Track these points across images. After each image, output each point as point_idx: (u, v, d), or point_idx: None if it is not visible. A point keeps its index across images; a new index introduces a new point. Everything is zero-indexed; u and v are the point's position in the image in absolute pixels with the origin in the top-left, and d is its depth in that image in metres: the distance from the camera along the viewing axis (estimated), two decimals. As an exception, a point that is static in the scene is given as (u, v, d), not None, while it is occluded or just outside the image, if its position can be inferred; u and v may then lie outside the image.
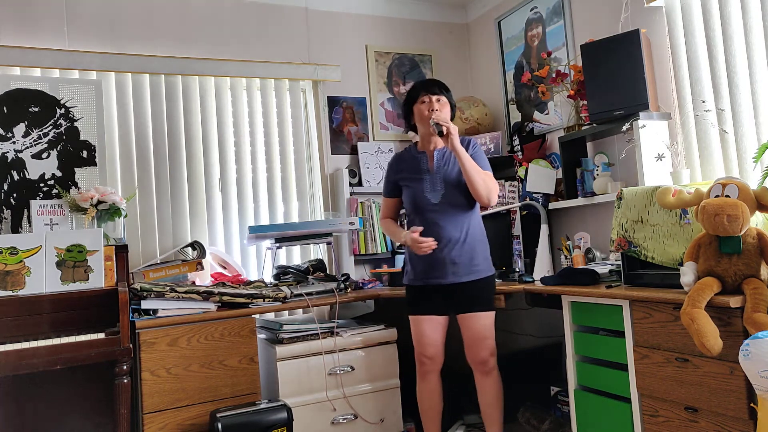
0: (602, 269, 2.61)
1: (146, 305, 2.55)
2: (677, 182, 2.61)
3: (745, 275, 1.93)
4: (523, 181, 3.36)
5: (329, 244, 3.33)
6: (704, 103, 2.65)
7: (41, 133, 2.93)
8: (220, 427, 2.38)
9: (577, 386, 2.57)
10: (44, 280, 2.48)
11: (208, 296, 2.63)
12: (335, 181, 3.73)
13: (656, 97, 2.82)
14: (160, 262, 3.13)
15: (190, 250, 3.19)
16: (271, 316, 3.30)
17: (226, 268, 3.24)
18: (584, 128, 3.03)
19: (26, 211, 2.86)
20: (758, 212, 2.00)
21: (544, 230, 3.09)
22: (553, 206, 3.24)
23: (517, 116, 3.80)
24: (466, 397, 3.12)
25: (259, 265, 3.49)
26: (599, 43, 2.79)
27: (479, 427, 3.04)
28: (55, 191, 2.91)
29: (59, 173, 2.95)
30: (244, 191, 3.52)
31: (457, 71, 4.20)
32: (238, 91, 3.57)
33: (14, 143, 2.89)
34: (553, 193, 3.26)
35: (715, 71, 2.62)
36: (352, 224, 3.19)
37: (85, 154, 3.00)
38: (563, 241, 3.16)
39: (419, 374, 2.66)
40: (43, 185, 2.92)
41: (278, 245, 3.18)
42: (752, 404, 1.85)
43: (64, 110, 2.98)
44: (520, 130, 3.72)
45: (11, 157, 2.88)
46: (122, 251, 2.65)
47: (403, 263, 3.53)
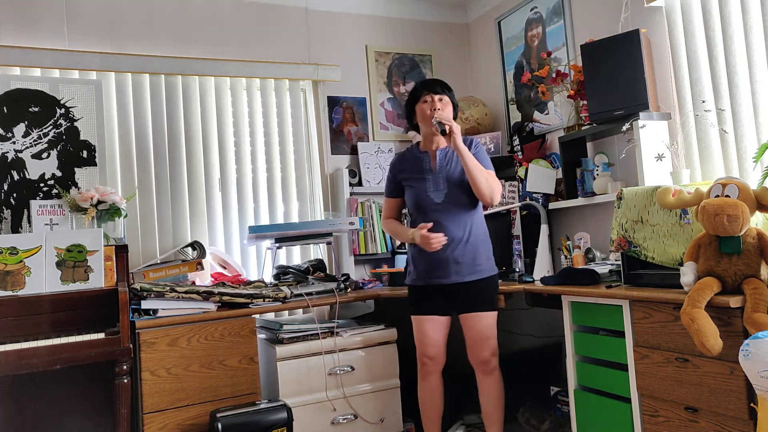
0: (602, 269, 2.61)
1: (146, 305, 2.55)
2: (677, 182, 2.61)
3: (745, 275, 1.93)
4: (523, 181, 3.36)
5: (329, 244, 3.33)
6: (704, 103, 2.65)
7: (41, 133, 2.93)
8: (220, 427, 2.38)
9: (577, 386, 2.57)
10: (44, 280, 2.48)
11: (208, 296, 2.63)
12: (335, 181, 3.73)
13: (656, 97, 2.82)
14: (160, 262, 3.13)
15: (190, 250, 3.19)
16: (271, 316, 3.30)
17: (226, 268, 3.24)
18: (584, 128, 3.03)
19: (26, 211, 2.86)
20: (758, 212, 2.00)
21: (544, 230, 3.09)
22: (553, 206, 3.24)
23: (517, 116, 3.80)
24: (466, 397, 3.12)
25: (259, 265, 3.49)
26: (599, 43, 2.79)
27: (479, 427, 3.04)
28: (55, 191, 2.91)
29: (59, 173, 2.95)
30: (244, 191, 3.52)
31: (457, 71, 4.20)
32: (238, 91, 3.57)
33: (14, 143, 2.89)
34: (553, 193, 3.26)
35: (715, 71, 2.62)
36: (352, 224, 3.19)
37: (85, 154, 3.00)
38: (563, 241, 3.16)
39: (420, 374, 2.65)
40: (43, 185, 2.92)
41: (278, 245, 3.18)
42: (752, 404, 1.85)
43: (64, 110, 2.98)
44: (520, 130, 3.72)
45: (11, 157, 2.88)
46: (122, 251, 2.65)
47: (405, 263, 3.53)
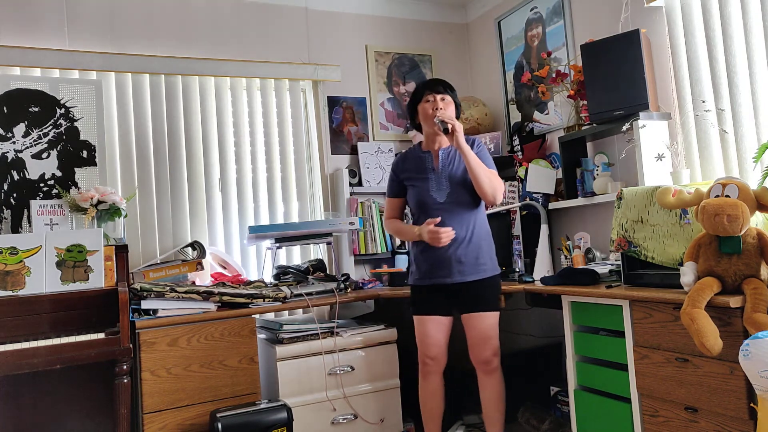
0: (602, 269, 2.61)
1: (146, 305, 2.55)
2: (677, 182, 2.61)
3: (745, 275, 1.93)
4: (523, 181, 3.36)
5: (329, 244, 3.33)
6: (704, 103, 2.65)
7: (41, 133, 2.93)
8: (220, 427, 2.38)
9: (577, 386, 2.57)
10: (44, 280, 2.48)
11: (208, 296, 2.63)
12: (335, 181, 3.73)
13: (656, 97, 2.82)
14: (160, 262, 3.13)
15: (190, 250, 3.19)
16: (271, 316, 3.30)
17: (226, 268, 3.24)
18: (584, 128, 3.03)
19: (26, 211, 2.86)
20: (758, 212, 2.00)
21: (544, 230, 3.09)
22: (553, 206, 3.24)
23: (517, 116, 3.80)
24: (466, 397, 3.12)
25: (259, 265, 3.48)
26: (599, 43, 2.79)
27: (479, 427, 3.04)
28: (55, 191, 2.91)
29: (59, 173, 2.95)
30: (244, 191, 3.52)
31: (457, 71, 4.20)
32: (238, 91, 3.57)
33: (14, 143, 2.89)
34: (553, 193, 3.26)
35: (715, 71, 2.62)
36: (352, 224, 3.19)
37: (85, 154, 3.00)
38: (563, 241, 3.16)
39: (422, 375, 2.65)
40: (43, 185, 2.92)
41: (278, 245, 3.18)
42: (752, 404, 1.85)
43: (64, 110, 2.98)
44: (520, 130, 3.72)
45: (11, 157, 2.88)
46: (122, 251, 2.65)
47: (407, 263, 3.53)
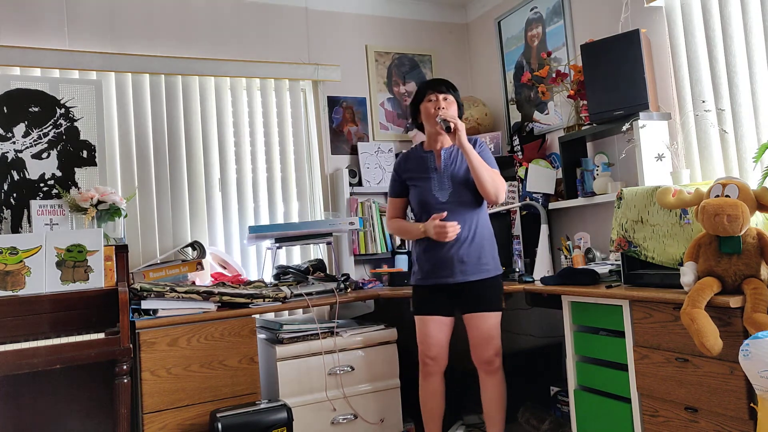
0: (602, 269, 2.61)
1: (146, 305, 2.55)
2: (677, 182, 2.61)
3: (745, 275, 1.93)
4: (523, 181, 3.36)
5: (329, 244, 3.33)
6: (704, 103, 2.65)
7: (41, 133, 2.93)
8: (220, 427, 2.38)
9: (577, 386, 2.57)
10: (44, 280, 2.48)
11: (208, 296, 2.63)
12: (335, 181, 3.73)
13: (656, 97, 2.82)
14: (160, 262, 3.13)
15: (190, 250, 3.19)
16: (271, 316, 3.30)
17: (226, 268, 3.24)
18: (584, 128, 3.03)
19: (26, 211, 2.86)
20: (758, 212, 2.00)
21: (544, 230, 3.09)
22: (553, 206, 3.24)
23: (517, 116, 3.80)
24: (466, 397, 3.12)
25: (259, 265, 3.48)
26: (599, 43, 2.79)
27: (479, 427, 3.04)
28: (55, 191, 2.91)
29: (59, 173, 2.95)
30: (244, 191, 3.52)
31: (457, 71, 4.20)
32: (238, 91, 3.57)
33: (14, 143, 2.89)
34: (553, 193, 3.26)
35: (715, 71, 2.62)
36: (352, 224, 3.19)
37: (85, 154, 3.00)
38: (563, 241, 3.16)
39: (422, 375, 2.64)
40: (43, 185, 2.92)
41: (278, 245, 3.18)
42: (752, 404, 1.85)
43: (64, 110, 2.98)
44: (520, 130, 3.72)
45: (11, 157, 2.88)
46: (122, 251, 2.65)
47: (408, 263, 3.53)
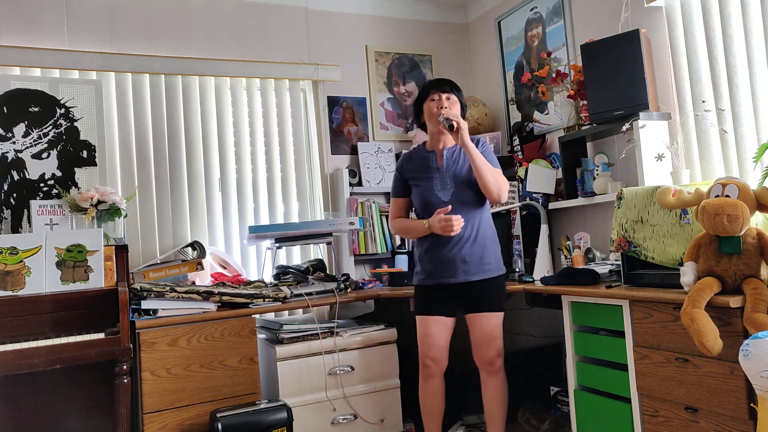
0: (602, 269, 2.61)
1: (146, 305, 2.55)
2: (677, 182, 2.61)
3: (745, 275, 1.93)
4: (523, 181, 3.36)
5: (329, 244, 3.33)
6: (704, 103, 2.65)
7: (41, 133, 2.93)
8: (220, 427, 2.38)
9: (577, 386, 2.57)
10: (44, 280, 2.48)
11: (208, 296, 2.63)
12: (335, 181, 3.73)
13: (656, 97, 2.82)
14: (160, 262, 3.13)
15: (190, 250, 3.19)
16: (271, 316, 3.30)
17: (226, 268, 3.24)
18: (584, 128, 3.03)
19: (26, 211, 2.86)
20: (758, 212, 2.00)
21: (544, 230, 3.09)
22: (553, 206, 3.24)
23: (517, 116, 3.80)
24: (466, 397, 3.12)
25: (259, 265, 3.48)
26: (599, 43, 2.79)
27: (479, 427, 3.04)
28: (55, 191, 2.91)
29: (59, 173, 2.95)
30: (244, 191, 3.52)
31: (457, 71, 4.20)
32: (238, 91, 3.57)
33: (14, 143, 2.89)
34: (553, 193, 3.26)
35: (715, 71, 2.62)
36: (352, 224, 3.19)
37: (85, 154, 3.00)
38: (563, 241, 3.16)
39: (422, 376, 2.63)
40: (43, 185, 2.92)
41: (278, 245, 3.18)
42: (752, 404, 1.85)
43: (64, 110, 2.98)
44: (520, 130, 3.72)
45: (11, 157, 2.88)
46: (122, 251, 2.65)
47: (409, 264, 3.53)
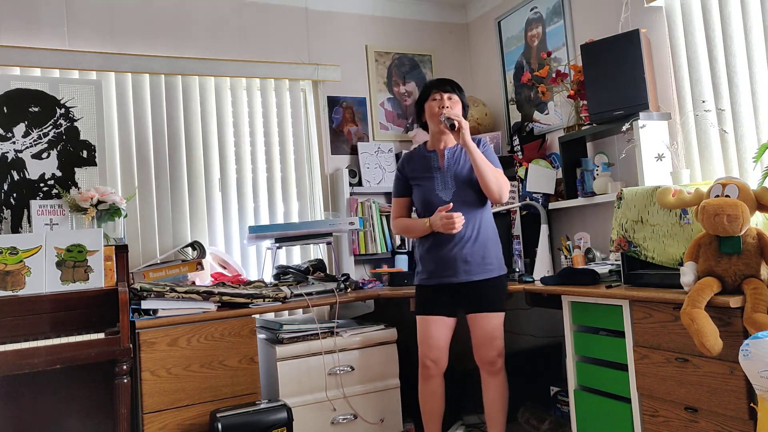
0: (602, 269, 2.61)
1: (146, 305, 2.55)
2: (677, 182, 2.61)
3: (745, 275, 1.93)
4: (523, 181, 3.36)
5: (329, 244, 3.33)
6: (704, 103, 2.65)
7: (41, 133, 2.93)
8: (220, 427, 2.38)
9: (577, 386, 2.57)
10: (44, 280, 2.48)
11: (208, 296, 2.63)
12: (335, 181, 3.73)
13: (656, 97, 2.82)
14: (160, 262, 3.13)
15: (190, 250, 3.19)
16: (271, 316, 3.30)
17: (226, 268, 3.24)
18: (584, 128, 3.03)
19: (26, 211, 2.86)
20: (758, 212, 2.00)
21: (544, 230, 3.09)
22: (553, 206, 3.24)
23: (517, 116, 3.80)
24: (466, 397, 3.12)
25: (259, 265, 3.48)
26: (599, 43, 2.79)
27: (479, 427, 3.04)
28: (55, 191, 2.91)
29: (59, 173, 2.95)
30: (244, 191, 3.52)
31: (457, 71, 4.20)
32: (238, 91, 3.57)
33: (14, 143, 2.89)
34: (553, 193, 3.26)
35: (715, 71, 2.62)
36: (352, 224, 3.19)
37: (85, 154, 3.00)
38: (563, 241, 3.16)
39: (422, 377, 2.63)
40: (43, 185, 2.92)
41: (278, 245, 3.18)
42: (752, 404, 1.85)
43: (64, 110, 2.98)
44: (520, 130, 3.72)
45: (11, 157, 2.88)
46: (122, 251, 2.65)
47: (409, 264, 3.52)
